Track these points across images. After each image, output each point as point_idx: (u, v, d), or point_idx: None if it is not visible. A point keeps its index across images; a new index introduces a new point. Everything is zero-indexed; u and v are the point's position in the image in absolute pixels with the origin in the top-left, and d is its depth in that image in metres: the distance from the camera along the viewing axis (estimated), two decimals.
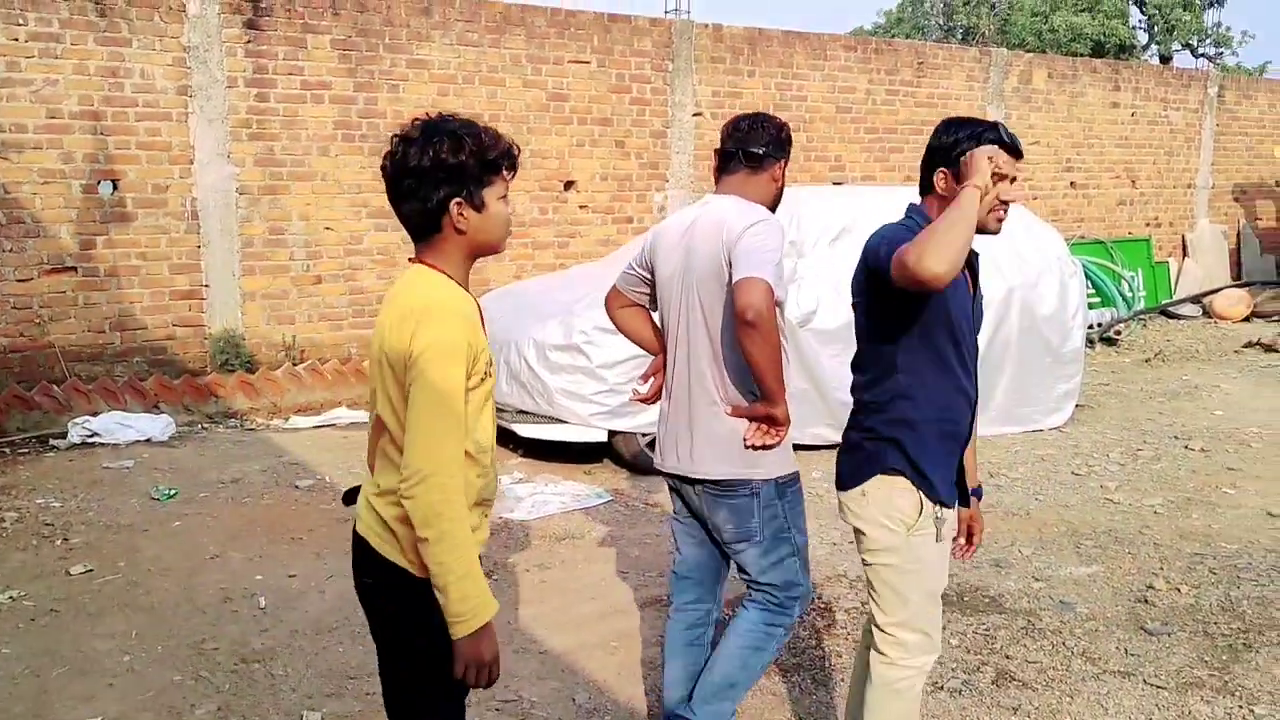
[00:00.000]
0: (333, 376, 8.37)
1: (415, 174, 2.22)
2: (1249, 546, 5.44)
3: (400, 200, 2.29)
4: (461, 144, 2.22)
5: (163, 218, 7.97)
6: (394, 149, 2.26)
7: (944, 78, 12.11)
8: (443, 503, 2.13)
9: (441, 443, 2.14)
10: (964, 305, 2.85)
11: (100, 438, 7.11)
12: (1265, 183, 15.88)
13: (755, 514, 3.17)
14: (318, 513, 5.86)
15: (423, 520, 2.13)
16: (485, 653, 2.19)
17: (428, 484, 2.12)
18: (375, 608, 2.40)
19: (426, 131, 2.24)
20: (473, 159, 2.23)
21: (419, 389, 2.15)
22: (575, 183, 9.74)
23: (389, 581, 2.30)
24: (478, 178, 2.26)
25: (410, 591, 2.27)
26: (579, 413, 6.52)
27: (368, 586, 2.36)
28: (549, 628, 4.47)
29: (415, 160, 2.22)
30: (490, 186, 2.28)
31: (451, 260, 2.31)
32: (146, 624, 4.46)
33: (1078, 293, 8.07)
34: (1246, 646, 4.31)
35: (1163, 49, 28.30)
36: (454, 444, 2.17)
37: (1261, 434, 7.75)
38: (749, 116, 3.35)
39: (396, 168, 2.25)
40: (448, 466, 2.14)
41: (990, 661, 4.20)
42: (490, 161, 2.26)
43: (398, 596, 2.30)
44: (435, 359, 2.15)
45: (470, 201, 2.27)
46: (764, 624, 3.26)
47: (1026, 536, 5.60)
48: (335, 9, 8.43)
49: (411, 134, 2.25)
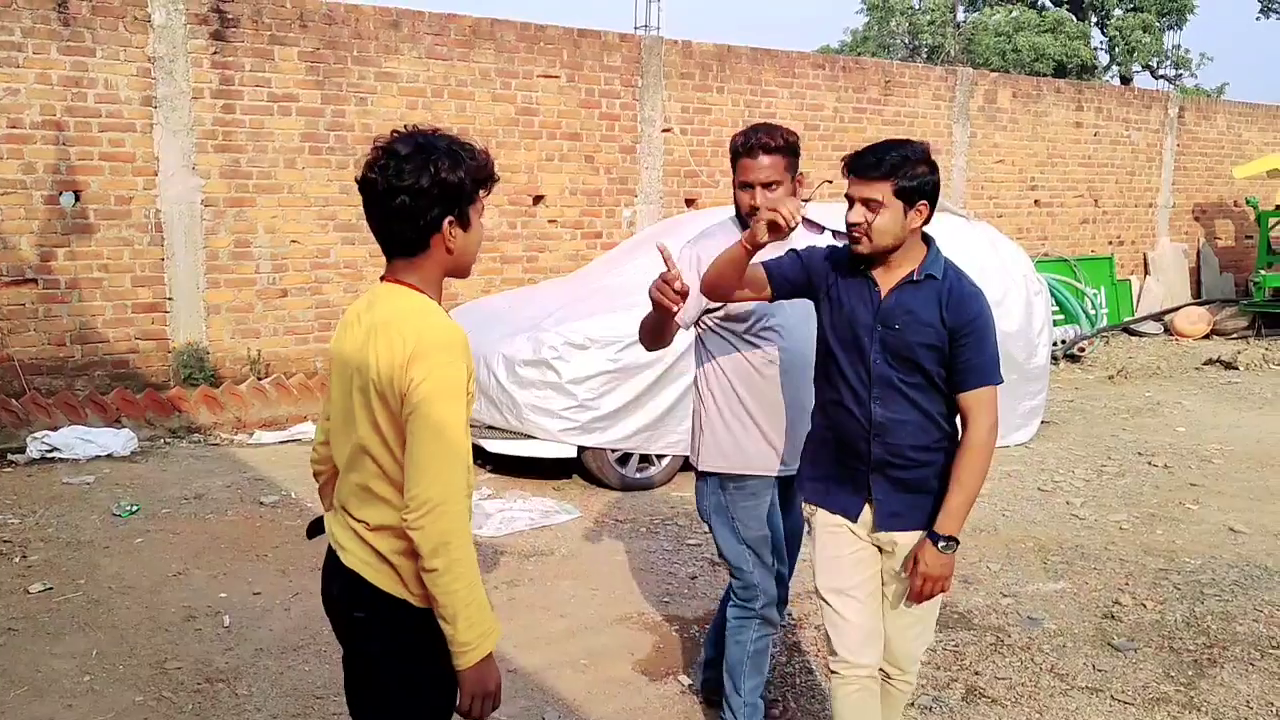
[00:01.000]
0: (298, 391, 8.29)
1: (411, 192, 2.15)
2: (1212, 562, 5.49)
3: (388, 217, 2.20)
4: (460, 162, 2.17)
5: (126, 229, 7.88)
6: (383, 164, 2.17)
7: (911, 96, 12.21)
8: (452, 532, 2.10)
9: (450, 473, 2.12)
10: (849, 317, 2.92)
11: (60, 453, 7.01)
12: (1224, 202, 16.10)
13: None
14: (283, 529, 5.79)
15: (432, 551, 2.09)
16: (490, 681, 2.19)
17: (436, 514, 2.09)
18: (360, 641, 2.33)
19: (422, 148, 2.16)
20: (469, 177, 2.19)
21: (423, 423, 2.11)
22: (544, 197, 9.72)
23: (385, 616, 2.24)
24: (470, 196, 2.22)
25: (409, 623, 2.23)
26: (548, 428, 6.48)
27: (359, 621, 2.28)
28: (518, 645, 4.42)
29: (412, 179, 2.14)
30: (475, 204, 2.25)
31: (431, 279, 2.26)
32: (107, 643, 4.39)
33: (1043, 309, 8.13)
34: (1211, 662, 4.35)
35: (1123, 70, 28.77)
36: (460, 474, 2.14)
37: (1223, 450, 7.84)
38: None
39: (389, 184, 2.16)
40: (456, 495, 2.12)
41: (960, 678, 4.21)
42: (482, 180, 2.23)
43: (394, 629, 2.25)
44: (440, 394, 2.12)
45: (460, 221, 2.22)
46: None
47: (994, 553, 5.62)
48: (303, 21, 8.38)
49: (401, 149, 2.16)
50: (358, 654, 2.35)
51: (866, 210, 2.81)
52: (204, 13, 7.99)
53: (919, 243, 2.91)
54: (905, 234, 2.83)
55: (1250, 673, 4.26)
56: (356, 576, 2.24)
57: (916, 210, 2.81)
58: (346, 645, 2.40)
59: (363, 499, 2.26)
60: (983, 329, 2.86)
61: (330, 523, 2.39)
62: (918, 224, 2.84)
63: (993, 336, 2.89)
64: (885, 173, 2.77)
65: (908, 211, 2.81)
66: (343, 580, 2.28)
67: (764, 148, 3.23)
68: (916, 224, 2.83)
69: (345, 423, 2.27)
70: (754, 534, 3.44)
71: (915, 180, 2.79)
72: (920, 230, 2.89)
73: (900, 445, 2.92)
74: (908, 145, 2.83)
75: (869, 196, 2.80)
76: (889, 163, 2.78)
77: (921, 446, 2.92)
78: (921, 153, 2.84)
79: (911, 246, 2.88)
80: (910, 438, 2.91)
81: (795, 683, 4.17)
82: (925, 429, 2.92)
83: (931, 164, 2.84)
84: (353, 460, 2.26)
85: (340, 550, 2.29)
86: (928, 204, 2.81)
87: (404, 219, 2.18)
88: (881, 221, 2.79)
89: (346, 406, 2.26)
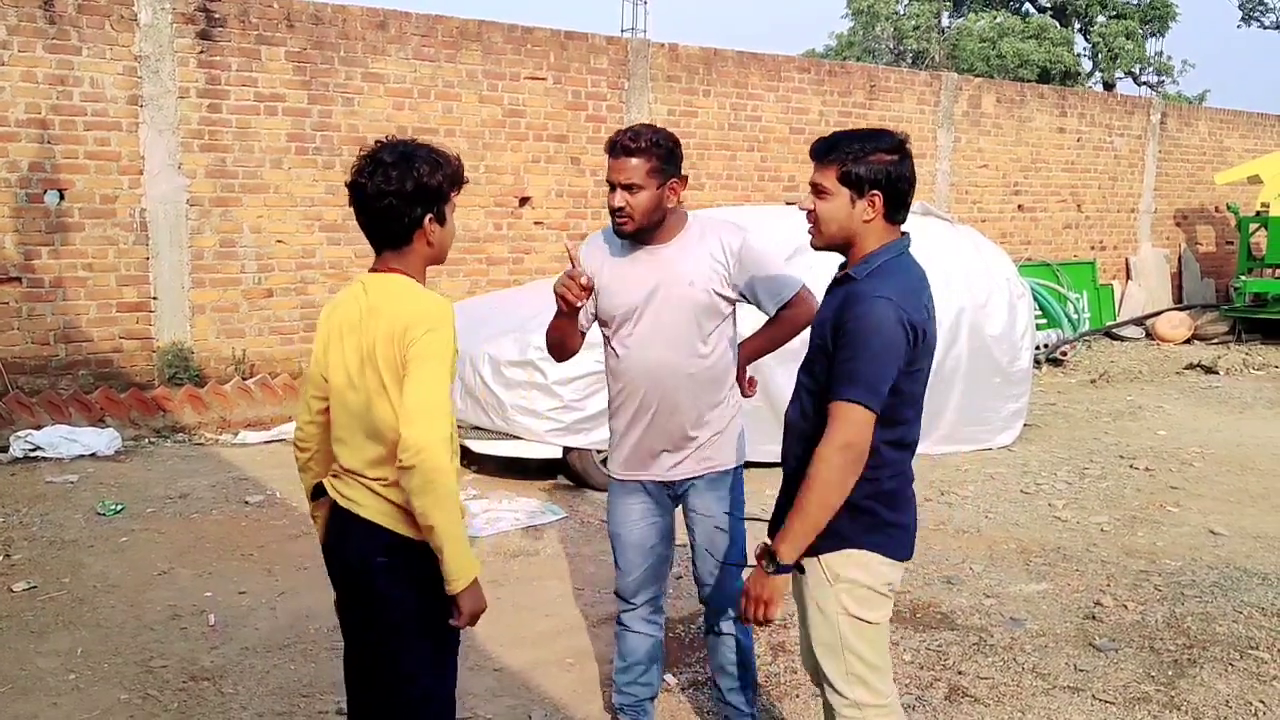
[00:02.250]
0: (283, 391, 8.26)
1: (398, 195, 2.51)
2: (1192, 564, 5.52)
3: (377, 217, 2.56)
4: (437, 168, 2.55)
5: (111, 228, 7.85)
6: (370, 170, 2.52)
7: (896, 101, 12.26)
8: (436, 470, 2.40)
9: (438, 420, 2.42)
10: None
11: (44, 452, 6.98)
12: (1205, 208, 16.22)
13: None
14: (268, 529, 5.78)
15: (419, 487, 2.40)
16: (481, 602, 2.54)
17: (424, 455, 2.39)
18: (379, 587, 2.58)
19: (405, 156, 2.52)
20: (445, 181, 2.57)
21: (419, 375, 2.45)
22: (530, 199, 9.72)
23: (404, 557, 2.55)
24: (446, 196, 2.59)
25: (426, 559, 2.51)
26: (534, 429, 6.47)
27: (380, 566, 2.56)
28: (504, 645, 4.42)
29: (397, 183, 2.50)
30: (449, 203, 2.61)
31: (417, 268, 2.63)
32: (92, 641, 4.36)
33: (1026, 313, 8.16)
34: (1191, 662, 4.37)
35: (1106, 76, 28.96)
36: (444, 424, 2.44)
37: (1203, 453, 7.88)
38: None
39: (378, 189, 2.51)
40: (441, 441, 2.41)
41: (943, 678, 4.22)
42: (456, 182, 2.61)
43: (410, 567, 2.54)
44: (430, 354, 2.45)
45: (439, 218, 2.59)
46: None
47: (977, 554, 5.65)
48: (290, 21, 8.37)
49: (387, 158, 2.52)
50: (373, 601, 2.60)
51: (814, 197, 2.61)
52: (190, 12, 7.97)
53: (877, 237, 2.61)
54: (856, 225, 2.58)
55: (1229, 673, 4.28)
56: (375, 527, 2.56)
57: (868, 200, 2.55)
58: (355, 602, 2.66)
59: (377, 460, 2.56)
60: (857, 334, 2.49)
61: (336, 486, 2.67)
62: (871, 216, 2.57)
63: (873, 348, 2.48)
64: (834, 157, 2.56)
65: (856, 201, 2.56)
66: (358, 535, 2.59)
67: (625, 150, 3.14)
68: (870, 216, 2.57)
69: (356, 402, 2.58)
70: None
71: (864, 166, 2.53)
72: (881, 224, 2.60)
73: (788, 453, 2.75)
74: (875, 132, 2.61)
75: (817, 181, 2.60)
76: (841, 147, 2.56)
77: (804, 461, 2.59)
78: (890, 141, 2.57)
79: (866, 241, 2.61)
80: (797, 446, 2.68)
81: (780, 681, 4.19)
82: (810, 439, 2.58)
83: (900, 154, 2.57)
84: (364, 429, 2.57)
85: (356, 506, 2.60)
86: (882, 194, 2.55)
87: (391, 218, 2.55)
88: (825, 209, 2.59)
89: (354, 386, 2.57)
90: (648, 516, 3.44)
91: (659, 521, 3.46)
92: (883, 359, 2.48)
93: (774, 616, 2.63)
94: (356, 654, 2.74)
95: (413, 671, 2.62)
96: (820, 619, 2.71)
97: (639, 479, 3.40)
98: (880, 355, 2.48)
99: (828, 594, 2.68)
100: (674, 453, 3.35)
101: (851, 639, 2.68)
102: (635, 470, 3.40)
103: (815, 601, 2.71)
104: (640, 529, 3.44)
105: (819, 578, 2.68)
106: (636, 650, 3.54)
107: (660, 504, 3.44)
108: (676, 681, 4.17)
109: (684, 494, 3.42)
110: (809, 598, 2.72)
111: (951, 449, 7.67)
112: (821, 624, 2.71)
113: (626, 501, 3.44)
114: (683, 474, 3.37)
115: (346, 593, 2.71)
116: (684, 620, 4.75)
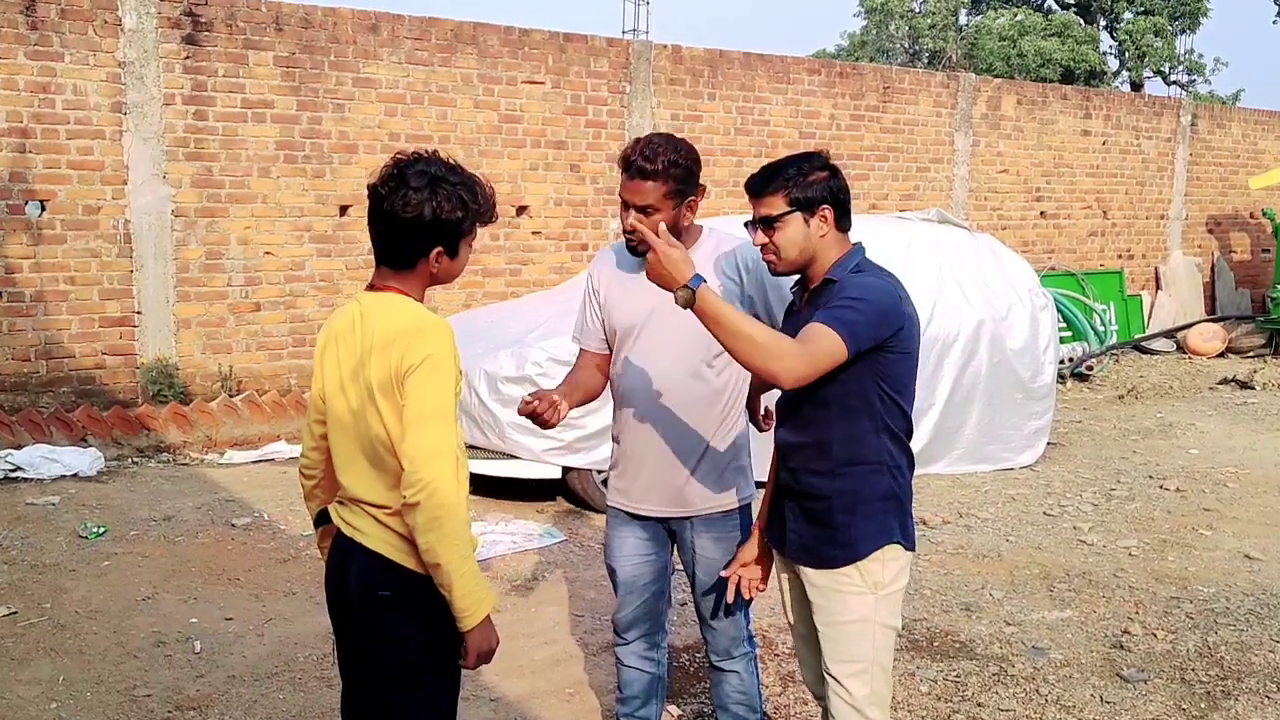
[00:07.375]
0: (271, 409, 8.12)
1: (413, 224, 2.40)
2: (1226, 590, 5.39)
3: (384, 234, 2.46)
4: (463, 204, 2.43)
5: (93, 240, 7.73)
6: (393, 185, 2.39)
7: (910, 103, 12.06)
8: (443, 507, 2.34)
9: (444, 449, 2.36)
10: None
11: (24, 472, 6.90)
12: (1239, 214, 15.93)
13: None
14: (255, 552, 5.69)
15: (425, 524, 2.34)
16: (491, 641, 2.48)
17: (429, 491, 2.33)
18: (381, 620, 2.50)
19: (434, 182, 2.40)
20: (468, 219, 2.45)
21: (420, 406, 2.37)
22: (528, 208, 9.57)
23: (408, 591, 2.47)
24: (466, 233, 2.47)
25: (430, 595, 2.45)
26: (532, 448, 6.36)
27: (383, 599, 2.49)
28: (500, 674, 4.30)
29: (415, 211, 2.39)
30: (468, 237, 2.49)
31: (416, 289, 2.52)
32: (74, 669, 4.33)
33: (1049, 326, 8.08)
34: (1225, 694, 4.27)
35: (1134, 76, 28.46)
36: (451, 457, 2.38)
37: (1238, 474, 7.72)
38: None
39: (393, 210, 2.40)
40: (449, 470, 2.35)
41: (962, 709, 4.14)
42: (483, 219, 2.49)
43: (415, 602, 2.47)
44: (433, 372, 2.38)
45: (449, 251, 2.48)
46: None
47: (998, 579, 5.53)
48: (279, 25, 8.23)
49: (412, 180, 2.39)
50: (374, 636, 2.52)
51: (765, 231, 2.79)
52: (176, 16, 7.85)
53: (836, 248, 2.81)
54: (814, 243, 2.78)
55: (1266, 705, 4.18)
56: (379, 558, 2.49)
57: (819, 216, 2.76)
58: (354, 637, 2.58)
59: (382, 489, 2.49)
60: (857, 292, 2.69)
61: (341, 514, 2.60)
62: (825, 230, 2.77)
63: (869, 302, 2.66)
64: (776, 185, 2.76)
65: (809, 220, 2.76)
66: (361, 564, 2.52)
67: (641, 172, 3.04)
68: (824, 231, 2.77)
69: (352, 425, 2.50)
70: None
71: (809, 186, 2.75)
72: (835, 235, 2.80)
73: (798, 469, 2.86)
74: (802, 155, 2.83)
75: (765, 214, 2.78)
76: (780, 174, 2.77)
77: (814, 471, 2.81)
78: (820, 160, 2.81)
79: (828, 254, 2.80)
80: (808, 461, 2.83)
81: (790, 714, 4.11)
82: (822, 453, 2.79)
83: (830, 169, 2.80)
84: (367, 457, 2.50)
85: (360, 535, 2.53)
86: (831, 207, 2.76)
87: (397, 240, 2.45)
88: (783, 236, 2.76)
89: (351, 409, 2.50)
90: (642, 551, 3.34)
91: (654, 558, 3.35)
92: (874, 321, 2.64)
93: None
94: (353, 694, 2.68)
95: (414, 715, 2.57)
96: (853, 632, 2.79)
97: (636, 511, 3.29)
98: (872, 315, 2.64)
99: (867, 605, 2.77)
100: (673, 483, 3.22)
101: (882, 654, 2.82)
102: (635, 501, 3.29)
103: (848, 613, 2.78)
104: (633, 564, 3.34)
105: (855, 584, 2.77)
106: (632, 684, 3.47)
107: (656, 539, 3.34)
108: (681, 713, 4.12)
109: (682, 531, 3.31)
110: (835, 610, 2.80)
111: (971, 468, 7.58)
112: (854, 638, 2.79)
113: (622, 533, 3.35)
114: (681, 512, 3.24)
115: (345, 625, 2.63)
116: (688, 649, 4.66)
